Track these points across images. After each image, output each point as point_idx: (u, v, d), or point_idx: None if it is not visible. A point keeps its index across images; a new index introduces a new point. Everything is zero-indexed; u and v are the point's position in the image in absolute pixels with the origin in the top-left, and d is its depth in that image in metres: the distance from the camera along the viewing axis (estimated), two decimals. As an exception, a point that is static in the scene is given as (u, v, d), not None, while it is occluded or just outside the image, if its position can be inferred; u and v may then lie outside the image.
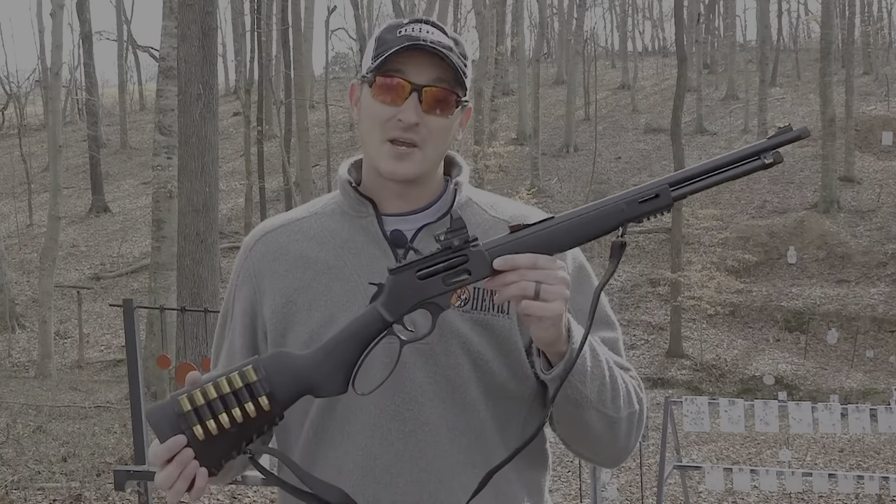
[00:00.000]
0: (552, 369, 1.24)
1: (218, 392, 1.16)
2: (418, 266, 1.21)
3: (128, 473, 3.71)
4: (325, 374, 1.20)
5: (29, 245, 22.93)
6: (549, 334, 1.20)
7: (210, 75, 8.63)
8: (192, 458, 1.16)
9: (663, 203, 1.22)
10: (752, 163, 1.21)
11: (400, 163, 1.32)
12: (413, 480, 1.31)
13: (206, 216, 8.57)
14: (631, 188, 1.24)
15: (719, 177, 1.22)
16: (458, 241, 1.21)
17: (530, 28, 44.74)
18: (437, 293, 1.21)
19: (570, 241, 1.23)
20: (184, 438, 1.15)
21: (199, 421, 1.15)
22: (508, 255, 1.19)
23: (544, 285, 1.17)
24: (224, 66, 38.10)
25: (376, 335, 1.21)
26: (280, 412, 1.19)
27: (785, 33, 45.78)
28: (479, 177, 18.81)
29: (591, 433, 1.33)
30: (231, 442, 1.18)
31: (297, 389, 1.20)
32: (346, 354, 1.21)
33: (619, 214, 1.22)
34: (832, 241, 19.91)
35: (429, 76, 1.31)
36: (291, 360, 1.21)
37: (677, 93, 17.61)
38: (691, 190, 1.23)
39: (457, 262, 1.21)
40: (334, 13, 65.22)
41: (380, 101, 1.32)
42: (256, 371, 1.17)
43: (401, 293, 1.21)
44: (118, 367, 14.88)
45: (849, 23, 28.13)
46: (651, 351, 16.81)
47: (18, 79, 41.92)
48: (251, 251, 1.44)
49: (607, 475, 4.90)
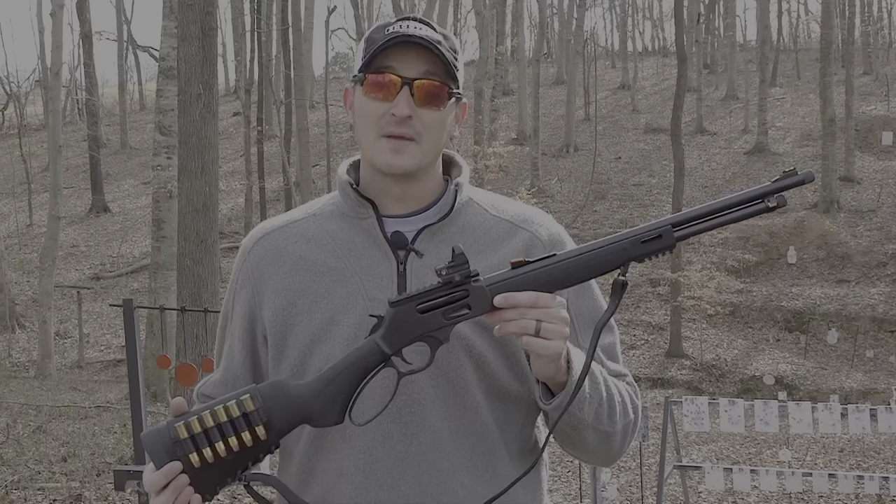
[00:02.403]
0: (552, 400, 1.25)
1: (215, 420, 1.16)
2: (419, 300, 1.22)
3: (128, 473, 3.71)
4: (322, 404, 1.21)
5: (29, 245, 22.93)
6: (548, 370, 1.22)
7: (210, 75, 8.62)
8: (188, 484, 1.16)
9: (666, 244, 1.23)
10: (756, 206, 1.23)
11: (397, 156, 1.32)
12: (415, 483, 1.31)
13: (206, 216, 8.56)
14: (634, 227, 1.25)
15: (722, 219, 1.24)
16: (460, 276, 1.21)
17: (530, 28, 44.74)
18: (436, 327, 1.22)
19: (572, 279, 1.23)
20: (179, 465, 1.16)
21: (195, 449, 1.16)
22: (509, 294, 1.20)
23: (545, 324, 1.18)
24: (224, 66, 38.07)
25: (374, 367, 1.22)
26: (276, 441, 1.20)
27: (785, 33, 45.77)
28: (479, 177, 18.80)
29: (587, 447, 1.35)
30: (226, 469, 1.18)
31: (293, 419, 1.20)
32: (343, 386, 1.21)
33: (622, 254, 1.23)
34: (832, 241, 19.91)
35: (419, 70, 1.31)
36: (289, 390, 1.21)
37: (677, 93, 17.61)
38: (694, 231, 1.24)
39: (457, 296, 1.21)
40: (334, 13, 65.18)
41: (372, 98, 1.32)
42: (254, 400, 1.18)
43: (400, 326, 1.22)
44: (118, 367, 14.87)
45: (849, 23, 28.11)
46: (651, 351, 16.80)
47: (18, 79, 41.90)
48: (250, 254, 1.44)
49: (607, 475, 4.90)
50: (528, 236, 1.40)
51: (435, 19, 23.65)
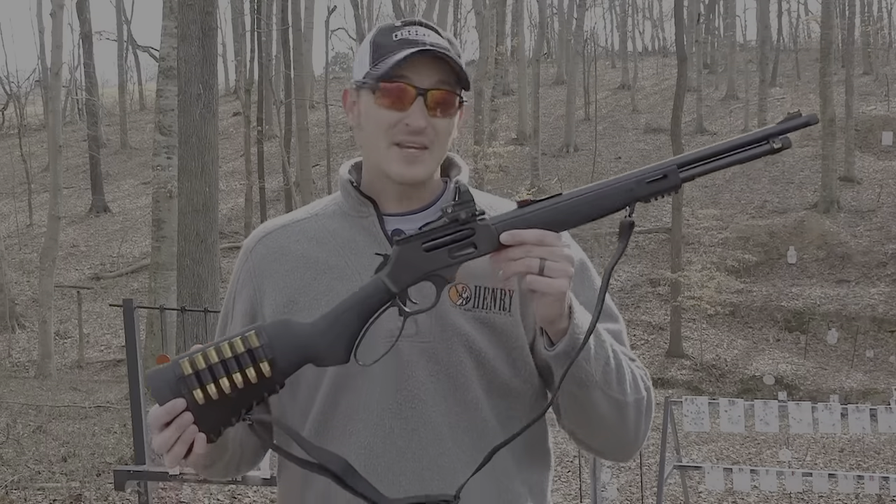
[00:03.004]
0: (554, 346, 1.24)
1: (220, 356, 1.15)
2: (424, 238, 1.21)
3: (128, 473, 3.71)
4: (328, 343, 1.20)
5: (29, 245, 22.93)
6: (551, 311, 1.21)
7: (210, 75, 8.62)
8: (192, 422, 1.15)
9: (672, 184, 1.22)
10: (761, 147, 1.21)
11: (411, 166, 1.32)
12: (416, 478, 1.31)
13: (206, 216, 8.56)
14: (640, 168, 1.24)
15: (728, 159, 1.22)
16: (466, 214, 1.20)
17: (530, 28, 44.76)
18: (442, 265, 1.21)
19: (578, 218, 1.23)
20: (183, 402, 1.14)
21: (199, 384, 1.14)
22: (515, 230, 1.19)
23: (549, 262, 1.18)
24: (224, 66, 38.09)
25: (380, 306, 1.21)
26: (281, 380, 1.18)
27: (785, 33, 45.79)
28: (480, 177, 18.81)
29: (599, 417, 1.32)
30: (231, 408, 1.17)
31: (299, 357, 1.19)
32: (349, 324, 1.20)
33: (628, 193, 1.23)
34: (832, 241, 19.91)
35: (432, 79, 1.31)
36: (294, 328, 1.20)
37: (677, 93, 17.61)
38: (700, 172, 1.23)
39: (463, 235, 1.21)
40: (334, 13, 65.25)
41: (384, 106, 1.31)
42: (259, 336, 1.17)
43: (406, 264, 1.21)
44: (118, 367, 14.88)
45: (849, 23, 28.13)
46: (651, 351, 16.81)
47: (18, 79, 41.93)
48: (251, 252, 1.44)
49: (607, 475, 4.90)
50: None
51: (435, 19, 23.65)
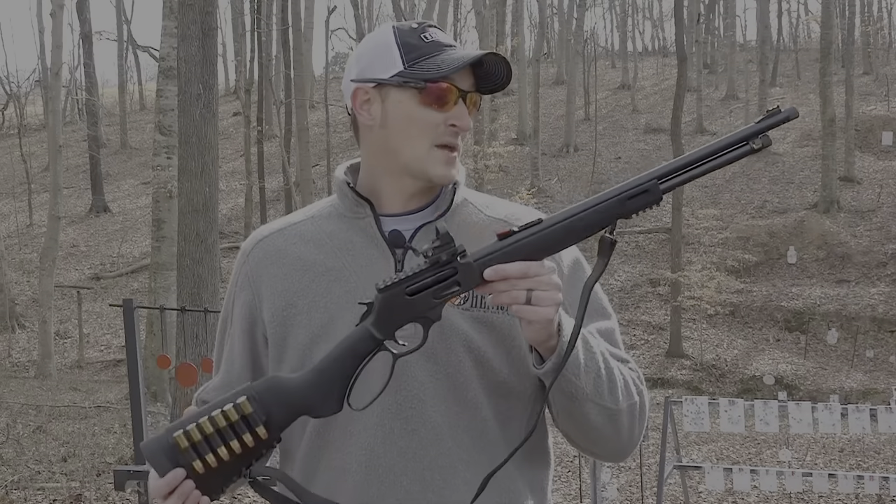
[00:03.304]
0: (543, 364, 1.24)
1: (214, 427, 1.16)
2: (407, 283, 1.20)
3: (128, 473, 3.71)
4: (320, 395, 1.20)
5: (29, 245, 22.93)
6: (539, 335, 1.21)
7: (210, 75, 8.61)
8: (193, 488, 1.17)
9: (652, 198, 1.20)
10: (740, 149, 1.19)
11: (451, 168, 1.36)
12: (416, 479, 1.31)
13: (206, 216, 8.55)
14: (619, 184, 1.22)
15: (708, 166, 1.20)
16: (446, 255, 1.19)
17: (530, 28, 44.73)
18: (428, 308, 1.20)
19: (560, 244, 1.22)
20: (183, 472, 1.15)
21: (197, 456, 1.15)
22: (499, 266, 1.18)
23: (536, 292, 1.17)
24: (224, 66, 38.07)
25: (368, 353, 1.21)
26: (277, 437, 1.20)
27: (785, 33, 45.78)
28: (480, 177, 18.82)
29: (592, 427, 1.32)
30: (231, 470, 1.18)
31: (292, 413, 1.20)
32: (338, 373, 1.20)
33: (609, 213, 1.21)
34: (832, 241, 19.91)
35: (469, 82, 1.35)
36: (284, 386, 1.20)
37: (677, 93, 17.61)
38: (680, 182, 1.21)
39: (446, 275, 1.20)
40: (334, 13, 65.21)
41: (431, 107, 1.33)
42: (251, 402, 1.17)
43: (391, 311, 1.20)
44: (118, 367, 14.89)
45: (849, 23, 28.13)
46: (651, 351, 16.81)
47: (18, 79, 41.93)
48: (249, 256, 1.45)
49: (607, 475, 4.90)
50: None
51: (435, 19, 23.66)
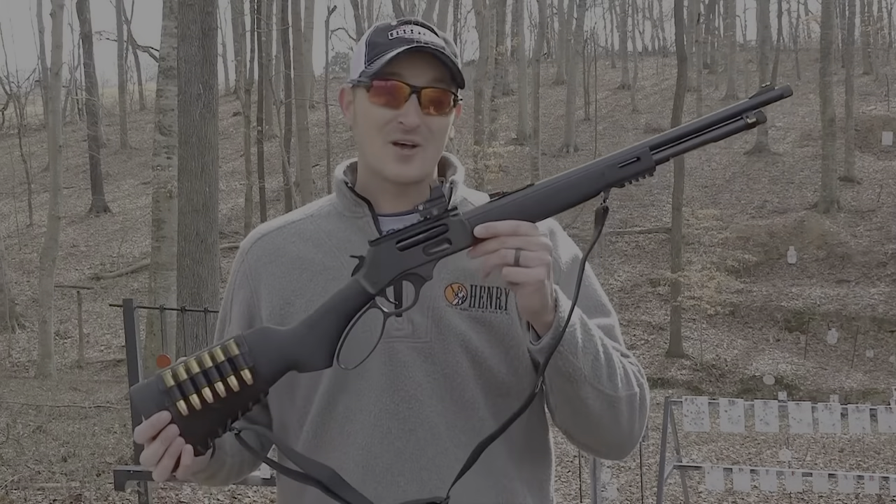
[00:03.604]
0: (540, 340, 1.23)
1: (201, 366, 1.16)
2: (398, 237, 1.21)
3: (128, 473, 3.72)
4: (309, 348, 1.19)
5: (29, 245, 22.94)
6: (532, 302, 1.19)
7: (210, 75, 8.62)
8: (178, 434, 1.15)
9: (645, 166, 1.21)
10: (734, 123, 1.21)
11: (406, 165, 1.32)
12: (414, 479, 1.31)
13: (206, 216, 8.56)
14: (611, 153, 1.23)
15: (702, 138, 1.21)
16: (438, 209, 1.20)
17: (530, 28, 44.76)
18: (418, 263, 1.20)
19: (552, 207, 1.22)
20: (168, 415, 1.15)
21: (182, 396, 1.15)
22: (488, 223, 1.18)
23: (524, 251, 1.16)
24: (224, 66, 38.10)
25: (359, 308, 1.21)
26: (264, 388, 1.18)
27: (785, 33, 45.78)
28: (480, 177, 18.82)
29: (591, 414, 1.29)
30: (216, 418, 1.17)
31: (280, 364, 1.19)
32: (329, 328, 1.20)
33: (600, 179, 1.21)
34: (832, 241, 19.91)
35: (426, 77, 1.31)
36: (274, 335, 1.20)
37: (677, 93, 17.62)
38: (673, 152, 1.21)
39: (437, 231, 1.20)
40: (334, 13, 65.22)
41: (378, 104, 1.32)
42: (239, 345, 1.17)
43: (382, 264, 1.20)
44: (118, 367, 14.89)
45: (849, 23, 28.13)
46: (651, 351, 16.81)
47: (18, 79, 41.88)
48: (248, 254, 1.45)
49: (607, 475, 4.90)
50: None
51: (435, 20, 23.65)
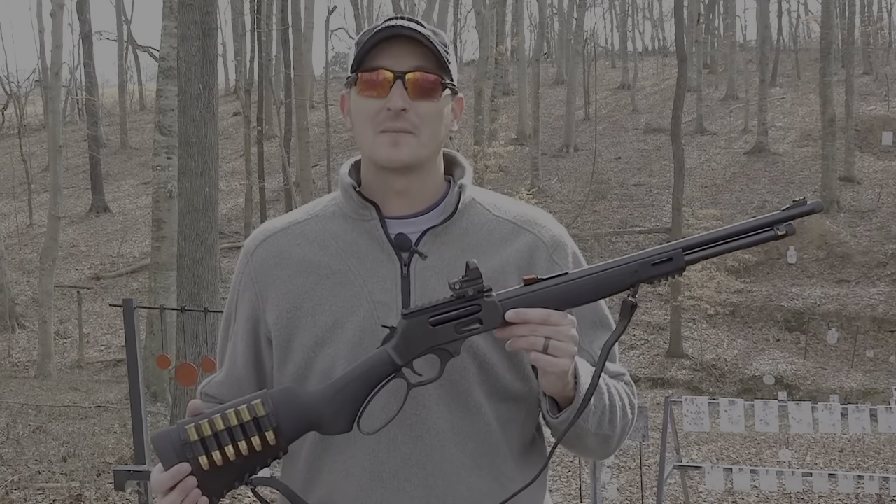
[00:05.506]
0: (559, 414, 1.28)
1: (226, 424, 1.17)
2: (431, 312, 1.23)
3: (128, 473, 3.71)
4: (332, 412, 1.22)
5: (29, 245, 22.92)
6: (555, 386, 1.25)
7: (210, 75, 8.61)
8: (195, 486, 1.17)
9: (676, 267, 1.26)
10: (765, 233, 1.26)
11: (396, 149, 1.33)
12: (420, 485, 1.31)
13: (206, 216, 8.55)
14: (646, 250, 1.28)
15: (732, 244, 1.27)
16: (473, 290, 1.22)
17: (530, 28, 44.73)
18: (448, 340, 1.23)
19: (583, 298, 1.26)
20: (188, 467, 1.16)
21: (204, 451, 1.16)
22: (521, 309, 1.22)
23: (553, 341, 1.20)
24: (224, 66, 38.07)
25: (385, 377, 1.23)
26: (285, 446, 1.21)
27: (785, 33, 45.77)
28: (480, 177, 18.81)
29: (586, 448, 1.40)
30: (234, 473, 1.19)
31: (303, 425, 1.22)
32: (354, 393, 1.23)
33: (632, 275, 1.26)
34: (832, 241, 19.91)
35: (410, 63, 1.32)
36: (300, 397, 1.23)
37: (677, 93, 17.60)
38: (703, 256, 1.27)
39: (470, 310, 1.23)
40: (334, 13, 65.21)
41: (366, 96, 1.33)
42: (265, 405, 1.19)
43: (412, 338, 1.23)
44: (118, 367, 14.87)
45: (849, 23, 28.11)
46: (651, 351, 16.80)
47: (18, 79, 41.94)
48: (252, 256, 1.43)
49: (607, 475, 4.90)
50: (531, 238, 1.40)
51: (435, 19, 23.65)
